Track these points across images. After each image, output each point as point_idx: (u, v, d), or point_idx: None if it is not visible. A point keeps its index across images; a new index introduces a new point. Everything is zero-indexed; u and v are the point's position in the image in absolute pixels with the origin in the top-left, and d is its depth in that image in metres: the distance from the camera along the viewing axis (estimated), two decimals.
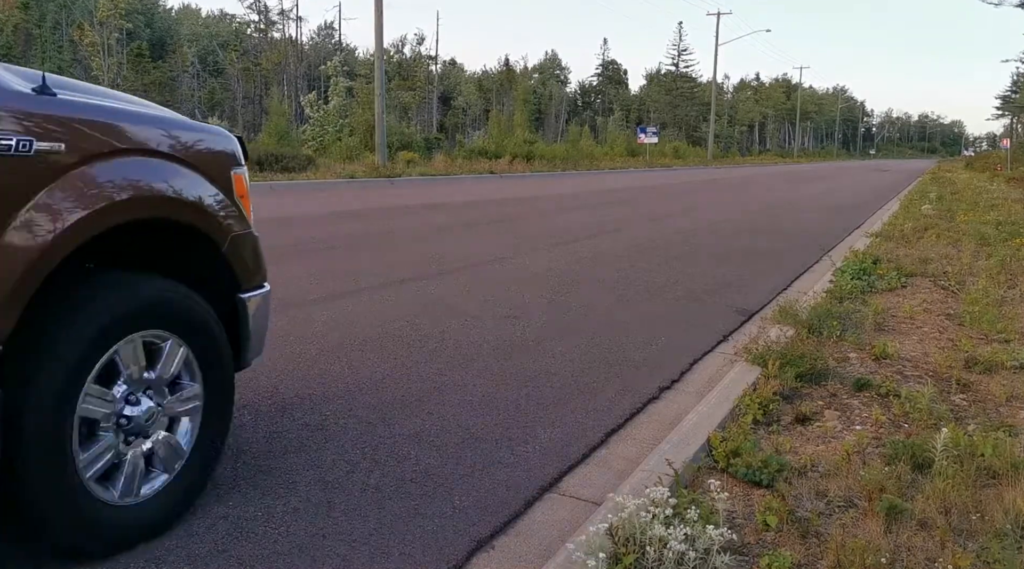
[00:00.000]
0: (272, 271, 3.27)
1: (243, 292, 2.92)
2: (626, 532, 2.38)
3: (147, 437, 2.51)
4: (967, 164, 54.26)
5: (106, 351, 2.34)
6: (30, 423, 2.16)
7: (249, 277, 2.93)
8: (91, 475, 2.34)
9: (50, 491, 2.23)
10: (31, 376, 2.16)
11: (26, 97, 2.19)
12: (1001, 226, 11.97)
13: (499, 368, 4.55)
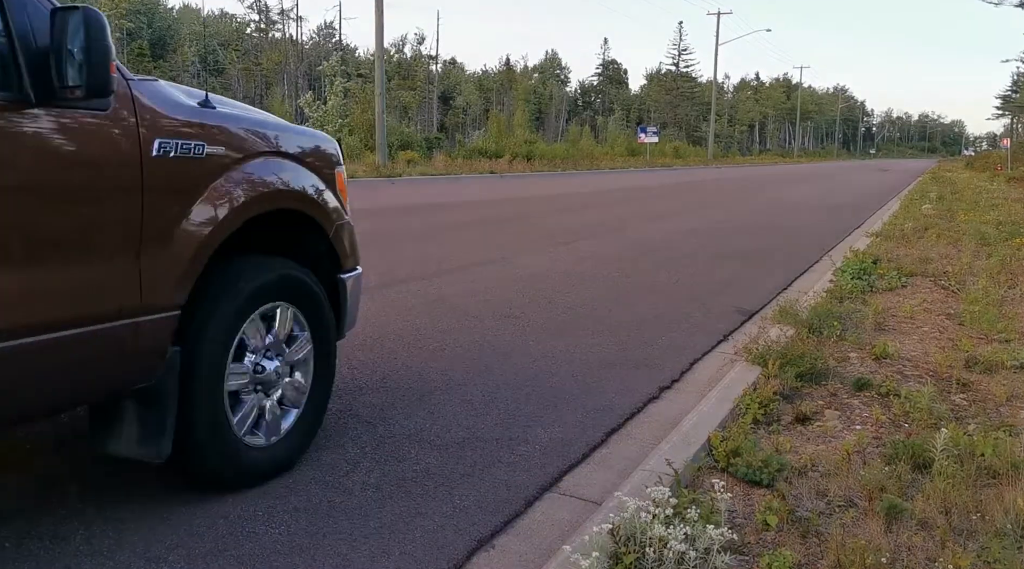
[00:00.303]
0: None
1: (342, 273, 3.47)
2: (626, 532, 2.38)
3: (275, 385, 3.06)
4: (967, 164, 54.26)
5: (247, 318, 2.87)
6: (203, 375, 2.69)
7: (347, 260, 3.48)
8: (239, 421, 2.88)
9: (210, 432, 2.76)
10: (203, 335, 2.69)
11: (196, 110, 2.70)
12: (1001, 226, 11.97)
13: (499, 367, 4.55)
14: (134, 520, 2.64)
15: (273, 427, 3.03)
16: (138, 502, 2.77)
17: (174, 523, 2.64)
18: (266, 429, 3.00)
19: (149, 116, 2.52)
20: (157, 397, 2.60)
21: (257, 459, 2.94)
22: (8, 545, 2.46)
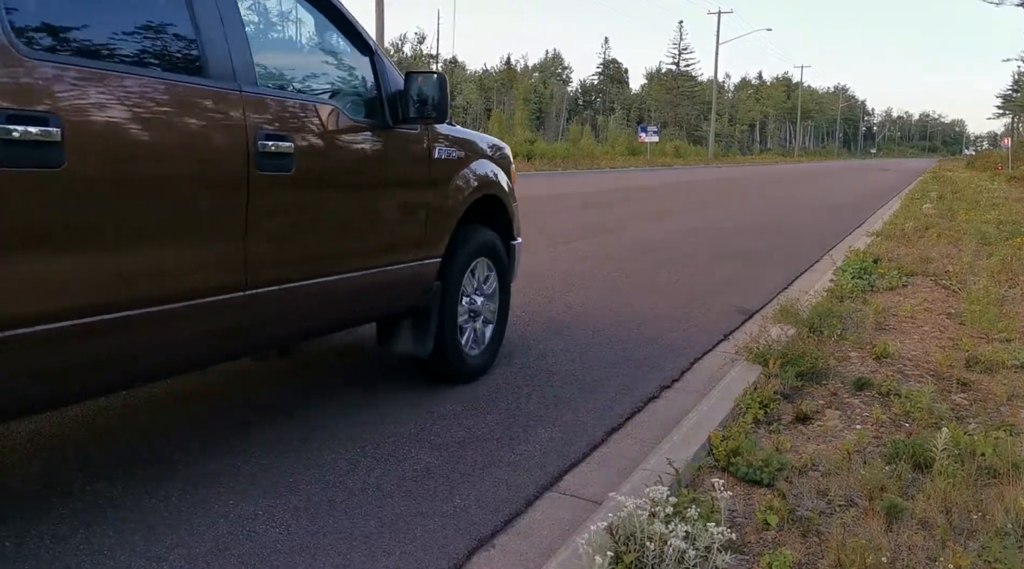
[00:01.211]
0: None
1: (513, 240, 4.78)
2: (626, 531, 2.38)
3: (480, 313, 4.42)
4: (968, 163, 54.23)
5: (468, 267, 4.22)
6: (449, 302, 4.01)
7: (517, 232, 4.81)
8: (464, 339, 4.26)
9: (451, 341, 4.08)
10: (451, 275, 4.02)
11: (450, 128, 4.05)
12: (1002, 225, 11.97)
13: (499, 368, 4.55)
14: (134, 519, 2.64)
15: (480, 340, 4.40)
16: (138, 501, 2.77)
17: (174, 522, 2.64)
18: (476, 342, 4.37)
19: (432, 133, 3.84)
20: (426, 314, 3.91)
21: (474, 362, 4.32)
22: (8, 545, 2.46)
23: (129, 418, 3.47)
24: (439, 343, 3.97)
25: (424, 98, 3.53)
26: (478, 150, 4.33)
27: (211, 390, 3.87)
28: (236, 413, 3.60)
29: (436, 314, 3.94)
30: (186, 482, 2.92)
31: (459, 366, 4.17)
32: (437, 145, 3.87)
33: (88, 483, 2.87)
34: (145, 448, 3.19)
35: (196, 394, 3.80)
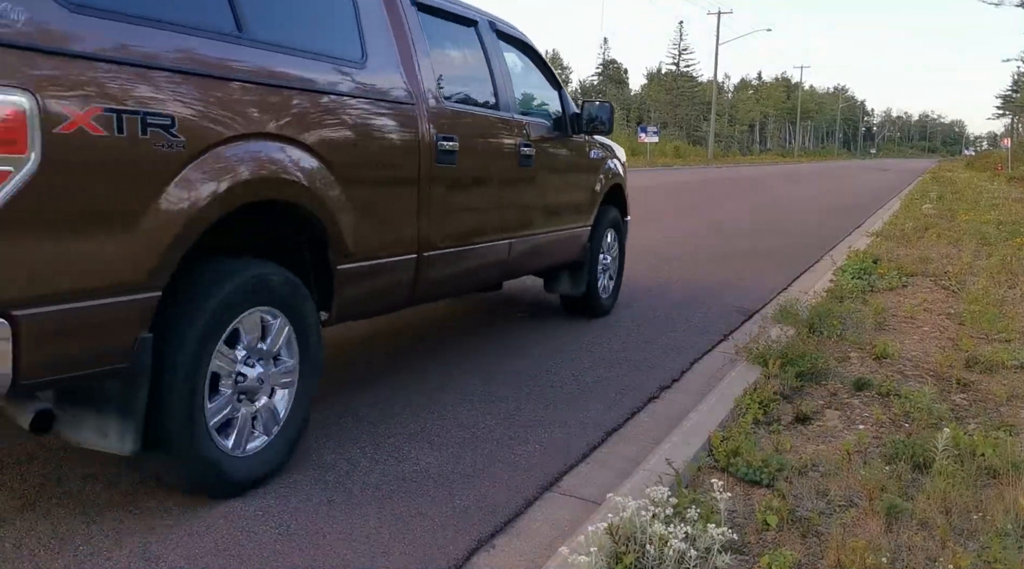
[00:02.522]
0: None
1: (626, 217, 6.31)
2: (626, 531, 2.38)
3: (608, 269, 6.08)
4: (968, 164, 54.19)
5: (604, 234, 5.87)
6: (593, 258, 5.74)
7: (628, 211, 6.38)
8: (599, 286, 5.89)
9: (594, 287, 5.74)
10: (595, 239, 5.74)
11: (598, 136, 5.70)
12: (1002, 225, 11.97)
13: (500, 367, 4.55)
14: (134, 520, 2.64)
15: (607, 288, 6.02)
16: (138, 501, 2.76)
17: (174, 522, 2.64)
18: (604, 289, 5.95)
19: (591, 139, 5.57)
20: (580, 266, 5.53)
21: (606, 303, 5.96)
22: (8, 545, 2.46)
23: None
24: (588, 287, 5.64)
25: (593, 116, 5.32)
26: (612, 151, 5.99)
27: None
28: None
29: (588, 266, 5.59)
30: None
31: (597, 305, 5.84)
32: (593, 148, 5.62)
33: (88, 483, 2.87)
34: None
35: None
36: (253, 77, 2.74)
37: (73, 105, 2.15)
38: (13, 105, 2.02)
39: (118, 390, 2.43)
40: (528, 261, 4.88)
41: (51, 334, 2.18)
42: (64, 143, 2.13)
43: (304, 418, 3.11)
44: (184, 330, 2.53)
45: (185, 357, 2.52)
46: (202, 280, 2.61)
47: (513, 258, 4.61)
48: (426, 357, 4.68)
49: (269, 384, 2.92)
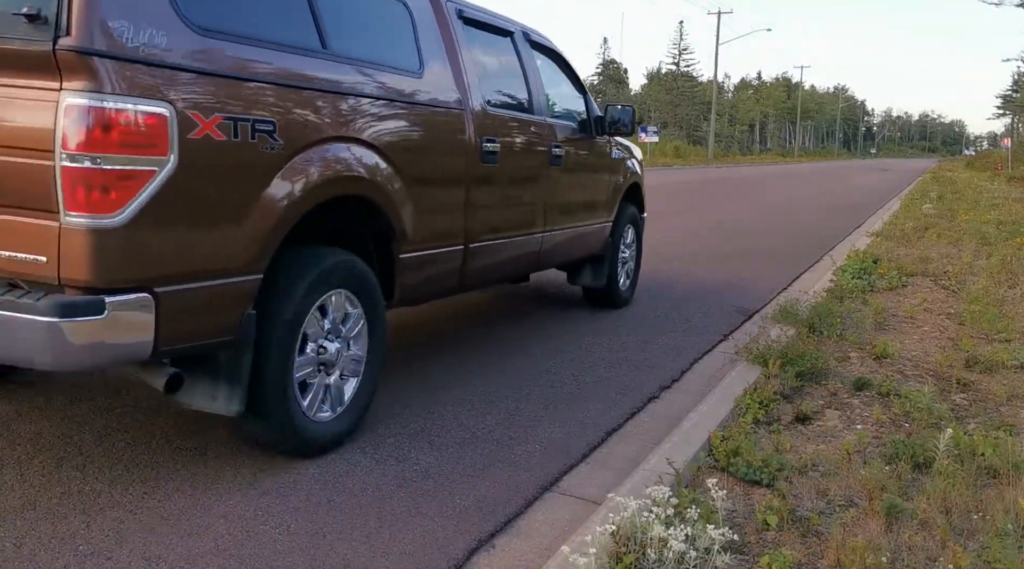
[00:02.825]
0: None
1: (643, 214, 6.79)
2: (626, 531, 2.38)
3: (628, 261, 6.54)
4: (968, 163, 54.17)
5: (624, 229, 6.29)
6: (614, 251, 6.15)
7: (644, 208, 6.84)
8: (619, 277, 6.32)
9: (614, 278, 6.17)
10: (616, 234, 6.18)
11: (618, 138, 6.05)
12: (1002, 225, 11.97)
13: (500, 368, 4.55)
14: (134, 519, 2.64)
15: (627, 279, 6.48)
16: (138, 501, 2.77)
17: (174, 522, 2.64)
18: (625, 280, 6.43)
19: (612, 140, 5.96)
20: (602, 260, 5.94)
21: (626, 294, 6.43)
22: (8, 545, 2.46)
23: (129, 418, 3.47)
24: (609, 279, 6.02)
25: (615, 119, 5.71)
26: (630, 152, 6.40)
27: None
28: None
29: (609, 260, 5.98)
30: (186, 482, 2.91)
31: (617, 296, 6.22)
32: (614, 149, 6.02)
33: (88, 483, 2.87)
34: (145, 448, 3.19)
35: None
36: (334, 87, 3.14)
37: (201, 114, 2.54)
38: (158, 115, 2.41)
39: (226, 359, 2.82)
40: (557, 253, 5.27)
41: (182, 309, 2.57)
42: (194, 147, 2.51)
43: (371, 393, 3.46)
44: (280, 308, 2.91)
45: (280, 332, 2.91)
46: (294, 265, 2.99)
47: (544, 250, 5.04)
48: (426, 357, 4.68)
49: (341, 364, 3.28)
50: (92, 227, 2.33)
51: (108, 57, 2.33)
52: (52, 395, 3.68)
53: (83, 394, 3.71)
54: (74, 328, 2.33)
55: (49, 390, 3.74)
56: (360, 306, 3.33)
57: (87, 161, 2.30)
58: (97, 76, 2.30)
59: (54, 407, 3.54)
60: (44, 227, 2.35)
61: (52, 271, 2.36)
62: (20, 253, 2.38)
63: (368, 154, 3.28)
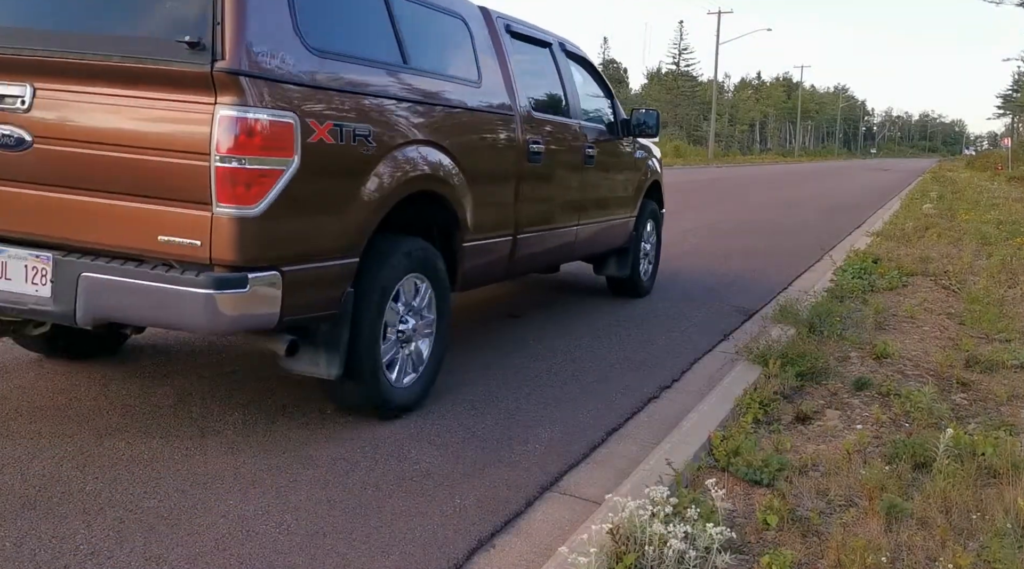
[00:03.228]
0: None
1: (662, 209, 7.17)
2: (626, 531, 2.38)
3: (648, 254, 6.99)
4: (968, 163, 54.10)
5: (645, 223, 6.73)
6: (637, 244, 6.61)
7: (663, 204, 7.22)
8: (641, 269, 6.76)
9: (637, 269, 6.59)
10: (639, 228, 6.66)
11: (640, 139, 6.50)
12: (1002, 225, 11.97)
13: (500, 368, 4.55)
14: (134, 519, 2.64)
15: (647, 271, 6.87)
16: (138, 501, 2.77)
17: (174, 522, 2.64)
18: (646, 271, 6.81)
19: (636, 141, 6.38)
20: (626, 252, 6.37)
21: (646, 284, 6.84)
22: (8, 545, 2.46)
23: (129, 418, 3.47)
24: (632, 270, 6.47)
25: (640, 122, 6.13)
26: (651, 152, 6.84)
27: (211, 390, 3.87)
28: (235, 413, 3.60)
29: (632, 251, 6.40)
30: (186, 482, 2.92)
31: (640, 286, 6.66)
32: (638, 149, 6.50)
33: (88, 483, 2.87)
34: (145, 448, 3.19)
35: (196, 394, 3.80)
36: (413, 96, 3.63)
37: (317, 121, 3.00)
38: (287, 123, 2.88)
39: (327, 331, 3.27)
40: (588, 244, 5.72)
41: (300, 285, 3.02)
42: (312, 149, 2.97)
43: (437, 366, 3.91)
44: (371, 287, 3.37)
45: (371, 306, 3.38)
46: (382, 251, 3.44)
47: (578, 241, 5.49)
48: None
49: (418, 334, 3.75)
50: (238, 216, 2.78)
51: (252, 76, 2.79)
52: (52, 395, 3.68)
53: (82, 394, 3.71)
54: (224, 300, 2.80)
55: (49, 390, 3.74)
56: (432, 288, 3.80)
57: (235, 162, 2.77)
58: (244, 92, 2.77)
59: (53, 407, 3.55)
60: (199, 216, 2.79)
61: (205, 253, 2.80)
62: (177, 237, 2.82)
63: (440, 155, 3.75)
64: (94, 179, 2.92)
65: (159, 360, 4.27)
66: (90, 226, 2.94)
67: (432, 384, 3.88)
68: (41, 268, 2.99)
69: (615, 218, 6.03)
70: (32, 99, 2.94)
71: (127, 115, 2.87)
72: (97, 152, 2.89)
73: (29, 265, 3.00)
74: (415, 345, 3.75)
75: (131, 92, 2.85)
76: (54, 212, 2.98)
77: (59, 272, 2.94)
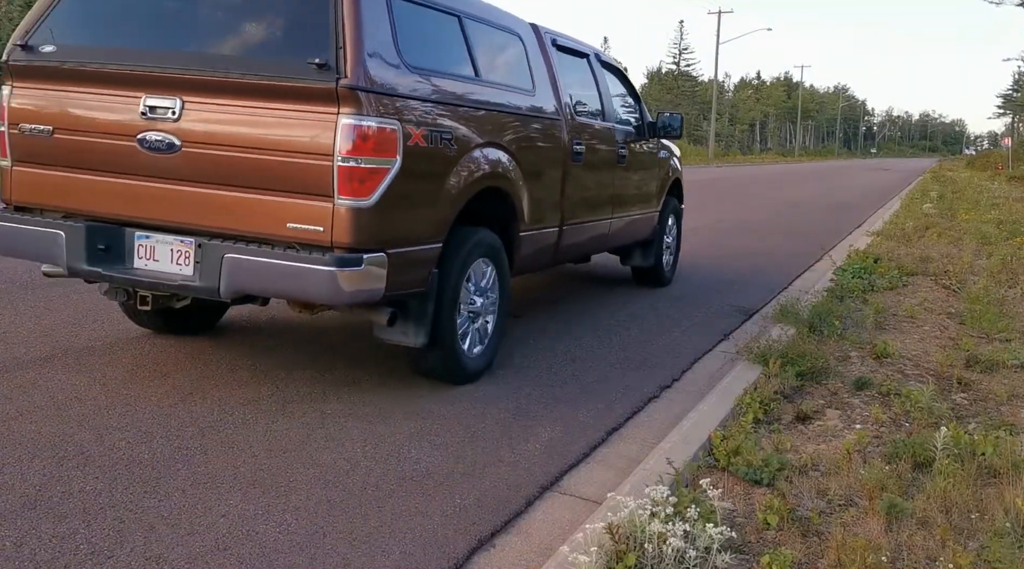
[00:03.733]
0: None
1: (680, 204, 7.61)
2: (626, 531, 2.38)
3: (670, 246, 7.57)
4: (968, 163, 54.09)
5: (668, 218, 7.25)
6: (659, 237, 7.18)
7: (682, 199, 7.72)
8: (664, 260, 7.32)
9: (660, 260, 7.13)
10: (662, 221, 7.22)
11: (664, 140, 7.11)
12: (1002, 225, 11.97)
13: (500, 368, 4.55)
14: (134, 519, 2.64)
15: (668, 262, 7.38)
16: (138, 501, 2.77)
17: (174, 522, 2.64)
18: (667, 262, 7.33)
19: (660, 142, 6.93)
20: (650, 243, 6.88)
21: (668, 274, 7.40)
22: (8, 545, 2.46)
23: (129, 417, 3.47)
24: (655, 261, 7.01)
25: (665, 124, 6.64)
26: (672, 152, 7.40)
27: (211, 390, 3.87)
28: (236, 413, 3.60)
29: (656, 243, 6.97)
30: (186, 482, 2.92)
31: (662, 275, 7.20)
32: (662, 149, 7.07)
33: (88, 483, 2.87)
34: (145, 448, 3.19)
35: (196, 394, 3.80)
36: (484, 105, 4.22)
37: (414, 127, 3.56)
38: (392, 129, 3.42)
39: (417, 304, 3.80)
40: (619, 236, 6.28)
41: (400, 265, 3.53)
42: (410, 151, 3.51)
43: (499, 340, 4.49)
44: (451, 269, 3.90)
45: (451, 285, 3.91)
46: (459, 238, 3.98)
47: (611, 233, 6.06)
48: None
49: (484, 311, 4.29)
50: (355, 206, 3.34)
51: (367, 91, 3.34)
52: (52, 394, 3.68)
53: (82, 393, 3.71)
54: (344, 276, 3.31)
55: (48, 389, 3.74)
56: (496, 271, 4.37)
57: (352, 161, 3.31)
58: (361, 104, 3.32)
59: (54, 406, 3.55)
60: (322, 207, 3.34)
61: (327, 237, 3.35)
62: (303, 224, 3.37)
63: (504, 155, 4.31)
64: (233, 177, 3.47)
65: (159, 360, 4.27)
66: (228, 216, 3.51)
67: (495, 355, 4.42)
68: (184, 251, 3.58)
69: (642, 213, 6.56)
70: (181, 110, 3.49)
71: (262, 123, 3.42)
72: (236, 154, 3.45)
73: (174, 249, 3.61)
74: (482, 320, 4.28)
75: (265, 104, 3.41)
76: (198, 204, 3.54)
77: (204, 254, 3.51)
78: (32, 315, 4.97)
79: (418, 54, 3.75)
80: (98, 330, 4.73)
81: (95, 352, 4.32)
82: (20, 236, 3.80)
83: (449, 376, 4.10)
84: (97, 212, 3.72)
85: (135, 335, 4.65)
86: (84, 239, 3.65)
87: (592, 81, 5.96)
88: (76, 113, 3.71)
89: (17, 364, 4.06)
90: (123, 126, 3.59)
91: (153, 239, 3.66)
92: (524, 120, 4.65)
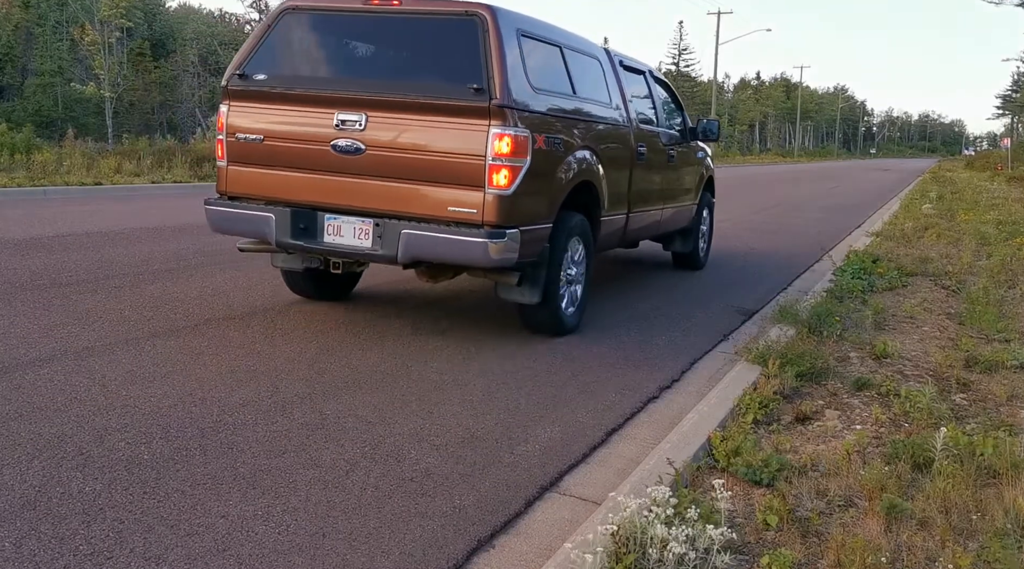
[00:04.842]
0: None
1: (712, 197, 8.83)
2: (626, 531, 2.38)
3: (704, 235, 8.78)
4: (967, 163, 54.08)
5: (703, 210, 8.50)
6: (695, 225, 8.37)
7: (714, 193, 8.89)
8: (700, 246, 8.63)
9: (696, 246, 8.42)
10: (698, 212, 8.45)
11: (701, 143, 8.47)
12: (1001, 225, 11.96)
13: (500, 368, 4.55)
14: (134, 520, 2.64)
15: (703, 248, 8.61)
16: (138, 501, 2.77)
17: (174, 522, 2.64)
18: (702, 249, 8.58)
19: (699, 144, 8.28)
20: (690, 231, 8.15)
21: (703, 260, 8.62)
22: (8, 545, 2.46)
23: (128, 418, 3.47)
24: (693, 246, 8.19)
25: (704, 128, 7.89)
26: (707, 153, 8.50)
27: (211, 391, 3.87)
28: (236, 414, 3.60)
29: (694, 232, 8.12)
30: (186, 482, 2.92)
31: (698, 260, 8.35)
32: (699, 150, 8.21)
33: (87, 484, 2.87)
34: (145, 448, 3.18)
35: (196, 395, 3.80)
36: (580, 115, 5.44)
37: (538, 134, 4.70)
38: (525, 136, 4.55)
39: (532, 271, 4.92)
40: (667, 224, 7.43)
41: (527, 240, 4.63)
42: (535, 153, 4.64)
43: (584, 303, 5.56)
44: (557, 244, 5.02)
45: (558, 256, 5.05)
46: (562, 220, 5.10)
47: (662, 221, 7.19)
48: (426, 357, 4.68)
49: (576, 279, 5.36)
50: (500, 195, 4.47)
51: (510, 108, 4.47)
52: (51, 394, 3.68)
53: (81, 394, 3.71)
54: (492, 246, 4.43)
55: (48, 390, 3.74)
56: (584, 248, 5.43)
57: (498, 161, 4.44)
58: (506, 118, 4.46)
59: (53, 407, 3.54)
60: (476, 195, 4.48)
61: (478, 217, 4.49)
62: (461, 208, 4.51)
63: (592, 156, 5.43)
64: (406, 173, 4.58)
65: (159, 361, 4.27)
66: (403, 202, 4.61)
67: (582, 316, 5.52)
68: (364, 229, 4.68)
69: (685, 204, 7.76)
70: (366, 123, 4.62)
71: (430, 133, 4.55)
72: (409, 155, 4.57)
73: (356, 227, 4.70)
74: (574, 287, 5.34)
75: (433, 118, 4.54)
76: (377, 194, 4.65)
77: (385, 230, 4.60)
78: (32, 315, 4.97)
79: (538, 78, 4.87)
80: (98, 331, 4.73)
81: (95, 352, 4.32)
82: (239, 218, 4.92)
83: (553, 329, 5.23)
84: (294, 200, 4.81)
85: (134, 336, 4.66)
86: (289, 220, 4.77)
87: (648, 93, 7.20)
88: (282, 125, 4.82)
89: (17, 364, 4.06)
90: (320, 135, 4.70)
91: (340, 220, 4.72)
92: (605, 127, 5.80)
